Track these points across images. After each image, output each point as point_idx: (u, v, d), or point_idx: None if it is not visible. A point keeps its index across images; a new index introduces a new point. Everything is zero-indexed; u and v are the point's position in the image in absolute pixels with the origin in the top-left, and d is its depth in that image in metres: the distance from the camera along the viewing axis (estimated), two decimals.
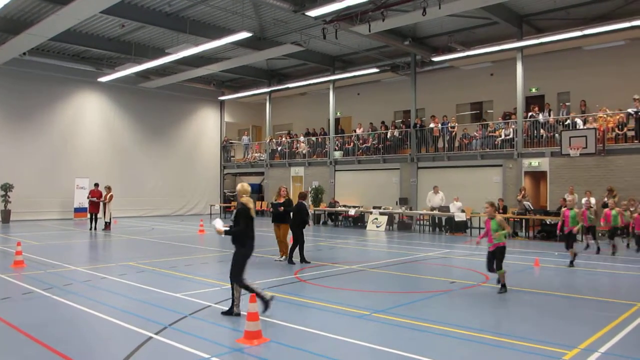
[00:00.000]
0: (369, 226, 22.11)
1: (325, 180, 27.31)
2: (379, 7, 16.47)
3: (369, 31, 17.52)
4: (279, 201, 12.57)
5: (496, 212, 9.28)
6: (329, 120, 28.07)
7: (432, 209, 21.26)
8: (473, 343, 6.16)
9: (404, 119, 26.79)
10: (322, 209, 25.31)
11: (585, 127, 19.04)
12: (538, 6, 18.85)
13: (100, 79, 25.99)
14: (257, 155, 32.11)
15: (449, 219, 20.44)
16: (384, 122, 26.37)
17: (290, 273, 10.88)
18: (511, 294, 9.10)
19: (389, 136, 25.40)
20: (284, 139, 31.01)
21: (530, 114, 21.04)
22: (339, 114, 29.88)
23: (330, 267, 11.89)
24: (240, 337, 6.06)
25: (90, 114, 27.79)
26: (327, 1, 15.38)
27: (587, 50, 21.35)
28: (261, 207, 29.51)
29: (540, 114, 20.87)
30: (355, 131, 27.36)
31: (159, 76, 27.07)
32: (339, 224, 24.41)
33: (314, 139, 29.17)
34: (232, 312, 7.17)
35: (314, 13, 16.37)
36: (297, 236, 12.29)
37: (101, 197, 20.72)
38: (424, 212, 21.76)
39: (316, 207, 25.21)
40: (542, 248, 15.19)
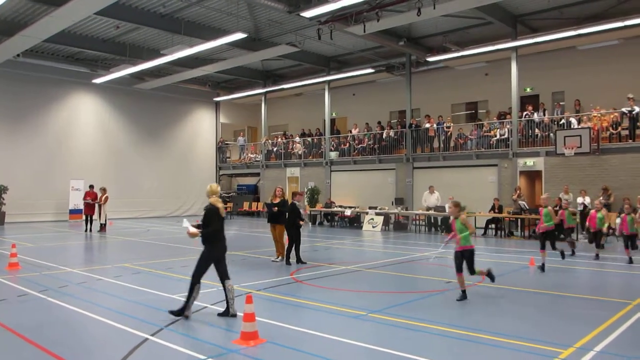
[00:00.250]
0: (365, 226, 22.12)
1: (321, 181, 27.33)
2: (373, 7, 16.49)
3: (364, 32, 17.53)
4: (274, 201, 12.56)
5: (460, 212, 8.84)
6: (324, 120, 28.08)
7: (428, 209, 21.30)
8: (469, 343, 6.17)
9: (399, 119, 26.82)
10: (318, 209, 25.31)
11: (580, 127, 19.11)
12: (532, 6, 18.90)
13: (94, 81, 25.93)
14: (253, 156, 32.09)
15: (444, 219, 20.47)
16: (380, 123, 26.41)
17: (287, 274, 10.88)
18: (507, 293, 9.13)
19: (384, 136, 25.43)
20: (279, 139, 31.01)
21: (525, 113, 21.11)
22: (334, 114, 29.89)
23: (327, 267, 11.89)
24: (236, 338, 6.06)
25: (85, 116, 27.71)
26: (322, 2, 15.40)
27: (581, 50, 21.43)
28: (257, 208, 29.54)
29: (535, 113, 20.94)
30: (351, 131, 27.38)
31: (154, 77, 27.01)
32: (335, 224, 24.42)
33: (310, 139, 29.17)
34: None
35: (308, 14, 16.37)
36: (292, 236, 12.26)
37: (96, 199, 20.66)
38: (420, 212, 21.80)
39: (312, 208, 25.21)
40: (537, 247, 15.19)
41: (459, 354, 5.87)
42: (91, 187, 21.40)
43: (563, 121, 20.09)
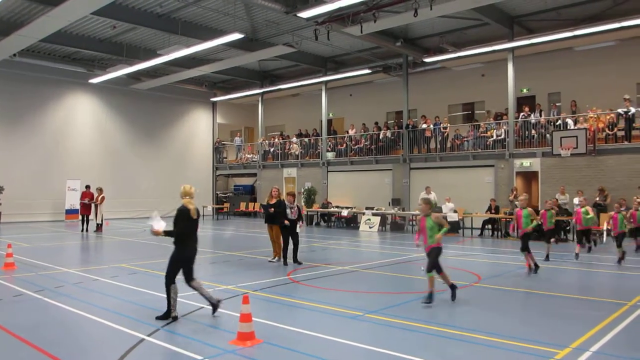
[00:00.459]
0: (362, 227, 22.13)
1: (318, 181, 27.32)
2: (370, 8, 16.50)
3: (361, 32, 17.55)
4: (271, 202, 12.54)
5: (431, 209, 8.54)
6: (321, 121, 28.09)
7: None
8: (465, 343, 6.18)
9: (396, 120, 26.84)
10: (314, 209, 25.32)
11: (576, 128, 19.16)
12: (529, 7, 18.95)
13: (91, 81, 25.89)
14: (250, 157, 32.06)
15: None
16: (377, 123, 26.43)
17: (284, 274, 10.87)
18: (503, 293, 9.15)
19: (381, 137, 25.44)
20: (276, 140, 31.00)
21: (522, 114, 21.15)
22: (331, 115, 29.89)
23: (323, 268, 11.89)
24: (233, 338, 6.06)
25: (81, 116, 27.66)
26: (319, 2, 15.41)
27: (577, 51, 21.50)
28: (254, 208, 29.52)
29: (532, 114, 20.99)
30: (348, 132, 27.38)
31: (151, 77, 26.98)
32: (332, 224, 24.42)
33: (307, 140, 29.17)
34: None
35: (305, 14, 16.39)
36: (284, 236, 12.18)
37: (93, 199, 20.62)
38: (417, 212, 21.77)
39: (309, 208, 25.21)
40: (533, 248, 15.16)
41: (455, 354, 5.87)
42: (87, 187, 21.38)
43: (559, 122, 20.15)
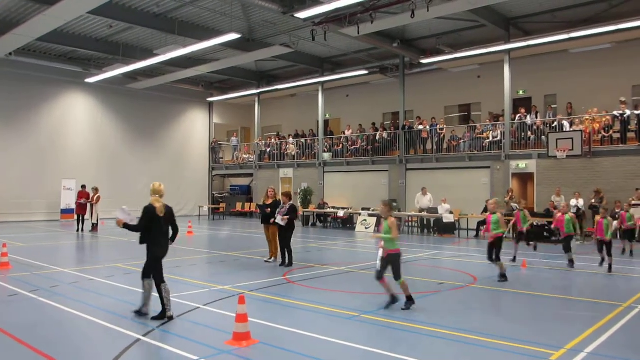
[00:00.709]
0: (358, 227, 22.14)
1: (314, 182, 27.32)
2: (367, 9, 16.51)
3: (358, 33, 17.56)
4: (267, 202, 12.53)
5: (391, 212, 8.00)
6: (318, 121, 28.09)
7: (421, 210, 21.34)
8: (461, 344, 6.19)
9: (392, 121, 26.88)
10: (311, 210, 25.31)
11: (572, 130, 19.22)
12: (525, 9, 18.99)
13: (87, 80, 25.80)
14: (246, 157, 32.04)
15: (437, 221, 20.52)
16: (374, 124, 26.45)
17: (279, 274, 10.87)
18: (498, 294, 9.16)
19: (377, 138, 25.47)
20: (273, 140, 30.99)
21: (518, 115, 21.21)
22: (327, 115, 29.89)
23: (320, 268, 11.89)
24: (229, 338, 6.05)
25: (77, 115, 27.56)
26: (316, 3, 15.41)
27: (573, 53, 21.56)
28: (250, 208, 29.49)
29: (528, 116, 21.04)
30: (344, 133, 27.40)
31: (147, 77, 26.92)
32: (328, 225, 24.43)
33: (303, 140, 29.17)
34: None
35: (302, 15, 16.39)
36: (280, 236, 12.14)
37: (88, 199, 20.57)
38: (413, 213, 21.84)
39: (305, 209, 25.21)
40: (529, 249, 15.28)
41: (450, 354, 5.88)
42: (83, 187, 21.31)
43: (555, 124, 20.20)
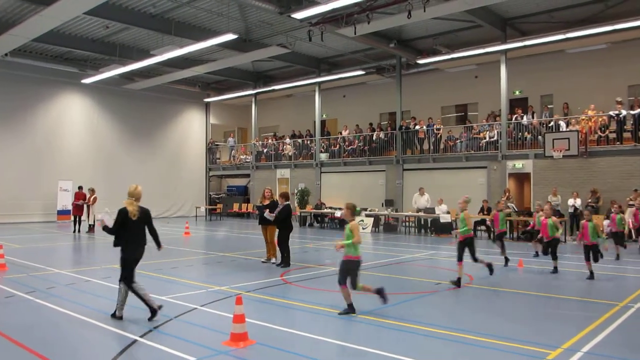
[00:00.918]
0: None
1: (311, 182, 27.32)
2: (364, 9, 16.53)
3: (355, 34, 17.58)
4: (264, 203, 12.52)
5: (353, 216, 7.56)
6: (314, 122, 28.10)
7: (418, 210, 21.36)
8: (458, 344, 6.20)
9: (389, 121, 26.90)
10: (308, 210, 25.31)
11: (568, 130, 19.27)
12: (522, 9, 19.04)
13: (84, 81, 25.75)
14: (243, 157, 32.02)
15: (434, 221, 20.54)
16: (371, 124, 26.47)
17: (277, 275, 10.86)
18: (495, 294, 9.18)
19: (374, 138, 25.48)
20: (269, 141, 30.98)
21: (515, 116, 21.25)
22: (324, 116, 29.91)
23: (316, 269, 11.89)
24: (226, 339, 6.05)
25: (73, 116, 27.50)
26: (313, 3, 15.41)
27: (569, 54, 21.63)
28: (247, 209, 29.47)
29: (524, 116, 21.09)
30: (341, 133, 27.41)
31: (144, 78, 26.88)
32: (325, 225, 24.42)
33: (300, 141, 29.17)
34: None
35: (299, 15, 16.39)
36: (279, 237, 12.18)
37: (85, 200, 20.52)
38: (410, 214, 21.85)
39: (302, 209, 25.21)
40: (525, 249, 15.31)
41: (448, 355, 5.89)
42: (80, 188, 21.27)
43: (552, 124, 20.25)
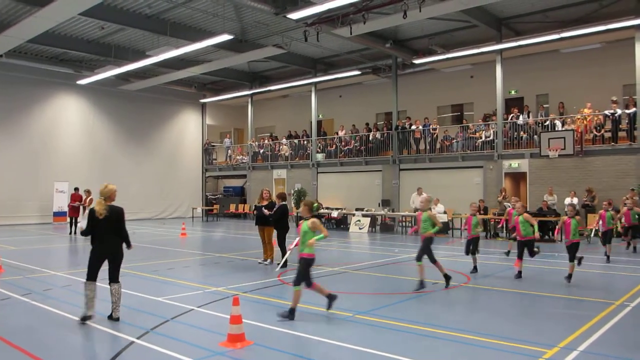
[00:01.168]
0: (352, 228, 22.17)
1: (308, 183, 27.32)
2: (360, 10, 16.54)
3: (350, 34, 17.60)
4: (262, 204, 12.51)
5: (311, 212, 7.42)
6: (311, 122, 28.10)
7: (416, 210, 21.34)
8: (455, 343, 6.21)
9: (385, 121, 26.93)
10: None
11: (564, 129, 19.33)
12: (517, 9, 19.10)
13: (79, 82, 25.70)
14: (239, 158, 32.00)
15: None
16: (367, 124, 26.49)
17: (274, 276, 10.85)
18: (491, 293, 9.20)
19: (371, 138, 25.50)
20: (266, 141, 30.96)
21: (511, 115, 21.30)
22: (321, 116, 29.92)
23: (313, 269, 11.83)
24: (223, 340, 6.05)
25: (69, 117, 27.43)
26: (308, 4, 15.42)
27: (564, 53, 21.70)
28: (244, 209, 29.45)
29: (520, 115, 21.14)
30: (338, 133, 27.42)
31: (140, 79, 26.83)
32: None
33: (297, 141, 29.17)
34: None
35: (295, 16, 16.40)
36: (277, 237, 12.23)
37: (81, 201, 20.46)
38: (407, 213, 21.88)
39: (299, 210, 25.16)
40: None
41: (445, 354, 5.90)
42: (76, 189, 21.22)
43: (547, 123, 20.31)
